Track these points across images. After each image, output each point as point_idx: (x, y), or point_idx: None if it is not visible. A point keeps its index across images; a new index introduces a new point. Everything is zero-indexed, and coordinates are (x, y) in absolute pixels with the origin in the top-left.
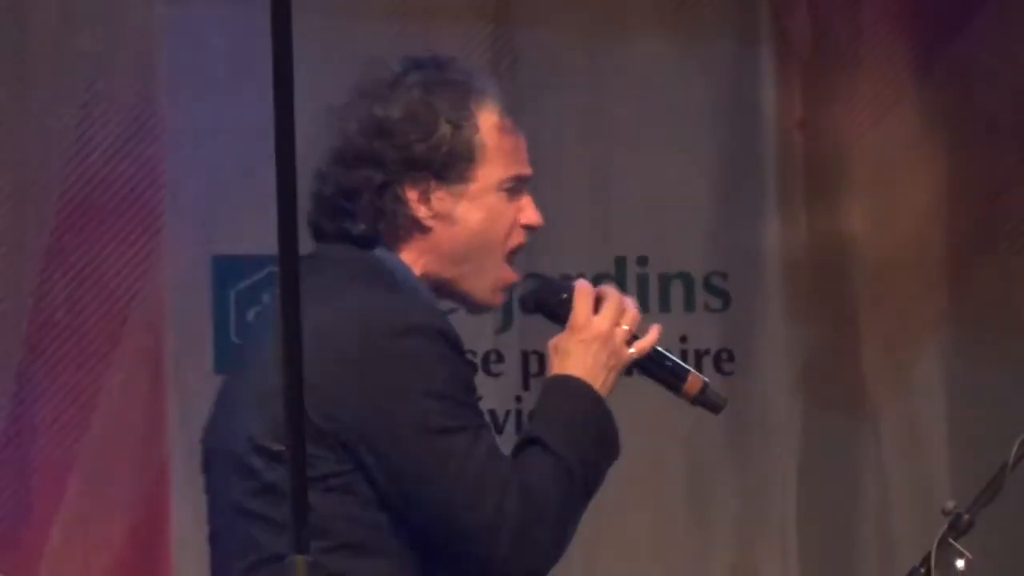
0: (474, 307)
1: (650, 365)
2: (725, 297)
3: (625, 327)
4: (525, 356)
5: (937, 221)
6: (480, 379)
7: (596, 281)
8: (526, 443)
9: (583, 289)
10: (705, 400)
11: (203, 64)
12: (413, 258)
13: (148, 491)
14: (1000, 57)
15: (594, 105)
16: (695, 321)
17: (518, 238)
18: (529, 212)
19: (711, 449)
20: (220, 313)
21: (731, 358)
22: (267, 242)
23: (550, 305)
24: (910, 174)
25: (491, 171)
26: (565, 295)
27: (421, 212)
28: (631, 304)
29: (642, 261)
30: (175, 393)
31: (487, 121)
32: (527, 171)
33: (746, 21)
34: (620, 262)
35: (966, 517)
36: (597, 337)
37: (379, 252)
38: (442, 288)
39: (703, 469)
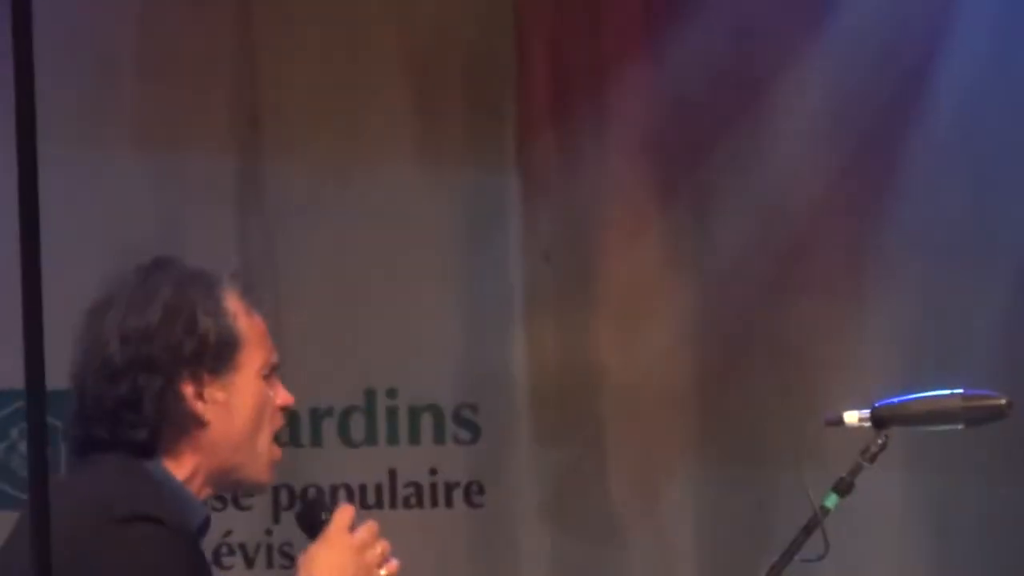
0: (251, 490)
1: None
2: (475, 429)
3: (379, 551)
4: (276, 490)
5: (686, 347)
6: (231, 513)
7: (346, 414)
8: None
9: (344, 509)
10: None
11: None
12: (187, 457)
13: None
14: (745, 180)
15: (342, 236)
16: (445, 453)
17: (279, 420)
18: (283, 394)
19: None
20: None
21: (481, 490)
22: (14, 377)
23: (312, 523)
24: (658, 300)
25: (253, 356)
26: (325, 516)
27: (199, 407)
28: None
29: (392, 393)
30: None
31: (236, 307)
32: (276, 358)
33: (492, 149)
34: (370, 394)
35: None
36: (348, 548)
37: (145, 464)
38: (221, 479)
39: None
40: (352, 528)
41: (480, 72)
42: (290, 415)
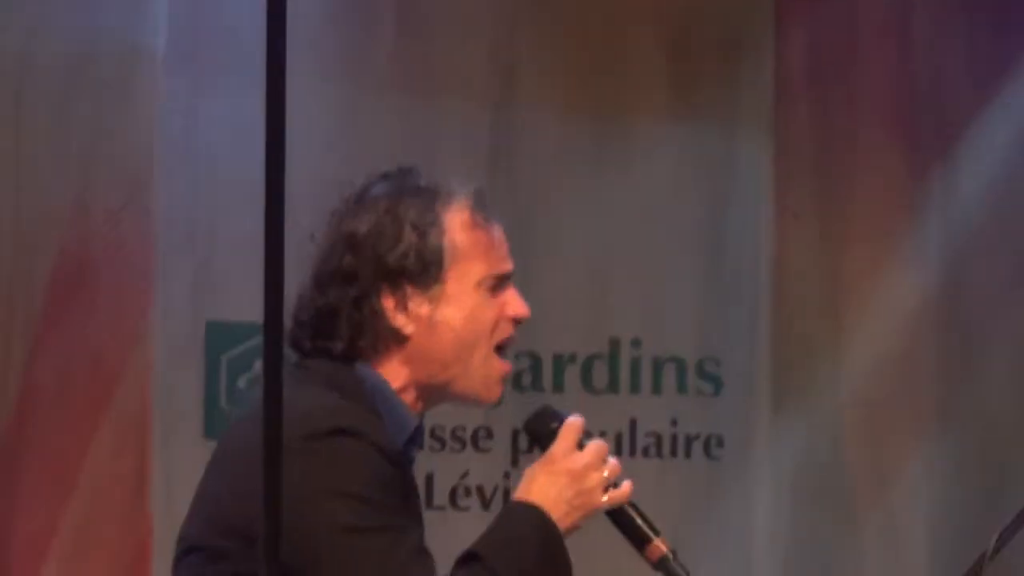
0: (473, 404)
1: (620, 518)
2: (717, 383)
3: (605, 474)
4: (515, 433)
5: (929, 323)
6: (468, 455)
7: (590, 361)
8: (465, 558)
9: (571, 424)
10: (666, 570)
11: (200, 132)
12: (397, 369)
13: (132, 556)
14: (993, 166)
15: (593, 187)
16: (686, 405)
17: (506, 331)
18: (515, 305)
19: (694, 540)
20: (211, 379)
21: (720, 443)
22: (260, 309)
23: (541, 433)
24: (905, 273)
25: (467, 270)
26: (555, 426)
27: (399, 321)
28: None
29: (636, 343)
30: (161, 458)
31: (456, 221)
32: (507, 267)
33: (745, 112)
34: (615, 342)
35: None
36: (568, 472)
37: (359, 367)
38: (436, 393)
39: (684, 558)
40: (581, 443)
41: (737, 37)
42: (533, 360)
